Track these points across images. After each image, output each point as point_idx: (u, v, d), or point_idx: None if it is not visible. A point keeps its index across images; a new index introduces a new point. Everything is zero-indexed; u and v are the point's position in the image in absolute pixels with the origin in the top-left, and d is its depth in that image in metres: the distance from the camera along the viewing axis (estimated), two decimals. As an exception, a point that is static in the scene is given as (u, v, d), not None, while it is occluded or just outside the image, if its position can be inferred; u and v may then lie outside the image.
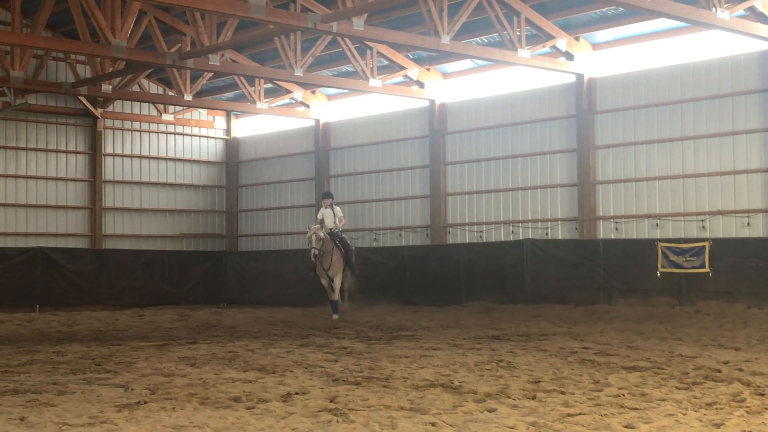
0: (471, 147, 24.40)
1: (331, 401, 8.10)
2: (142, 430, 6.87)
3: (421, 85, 24.71)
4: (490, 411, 7.53)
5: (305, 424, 7.02)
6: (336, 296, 20.43)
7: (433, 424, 6.94)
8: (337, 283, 20.45)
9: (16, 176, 26.61)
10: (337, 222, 20.72)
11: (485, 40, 22.28)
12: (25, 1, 22.25)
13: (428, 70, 24.61)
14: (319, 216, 20.89)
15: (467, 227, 24.39)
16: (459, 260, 22.90)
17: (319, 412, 7.54)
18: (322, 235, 19.96)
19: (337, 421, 7.12)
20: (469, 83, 24.89)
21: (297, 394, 8.57)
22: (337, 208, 20.97)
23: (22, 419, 7.41)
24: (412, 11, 20.44)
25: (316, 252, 19.95)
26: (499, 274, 21.97)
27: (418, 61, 24.43)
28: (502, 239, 23.26)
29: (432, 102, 24.91)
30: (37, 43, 20.15)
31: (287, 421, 7.13)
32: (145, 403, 8.16)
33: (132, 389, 9.08)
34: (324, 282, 20.74)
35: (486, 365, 10.71)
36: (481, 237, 23.96)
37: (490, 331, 15.73)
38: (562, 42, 21.03)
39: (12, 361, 12.01)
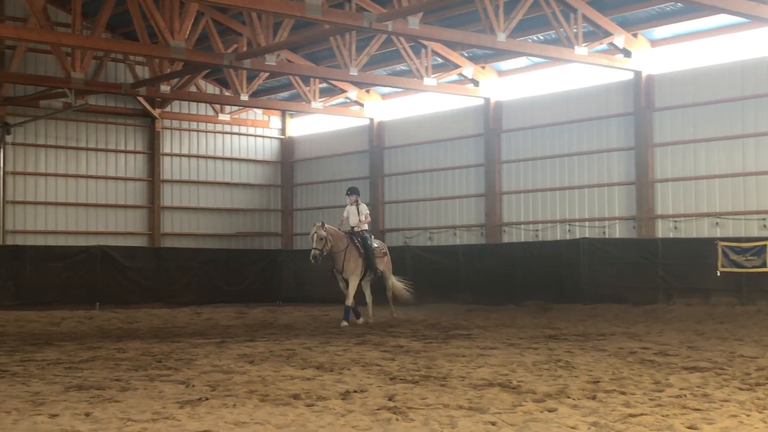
0: (527, 145, 24.24)
1: (390, 399, 8.08)
2: (205, 426, 6.91)
3: (475, 83, 24.60)
4: (550, 411, 7.46)
5: (365, 421, 7.01)
6: (349, 301, 18.28)
7: (493, 424, 6.89)
8: (352, 287, 18.37)
9: (77, 176, 27.05)
10: (362, 219, 18.92)
11: (541, 38, 22.08)
12: (86, 4, 22.62)
13: (483, 68, 24.49)
14: (344, 213, 19.38)
15: (522, 226, 24.24)
16: (514, 259, 22.71)
17: (378, 410, 7.53)
18: (323, 233, 18.00)
19: (397, 420, 7.09)
20: (525, 81, 24.71)
21: (355, 392, 8.56)
22: (363, 206, 19.21)
23: (87, 415, 7.49)
24: (468, 9, 20.33)
25: (317, 253, 17.91)
26: (555, 274, 21.75)
27: (473, 59, 24.33)
28: (558, 238, 23.07)
29: (487, 100, 24.79)
30: (97, 45, 20.45)
31: (347, 419, 7.13)
32: (206, 399, 8.20)
33: (193, 386, 9.15)
34: (342, 285, 18.74)
35: (544, 365, 10.61)
36: (536, 236, 23.79)
37: (546, 331, 15.58)
38: (620, 39, 20.81)
39: (75, 358, 12.16)
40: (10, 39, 22.58)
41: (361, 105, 27.99)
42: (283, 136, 31.01)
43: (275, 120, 30.82)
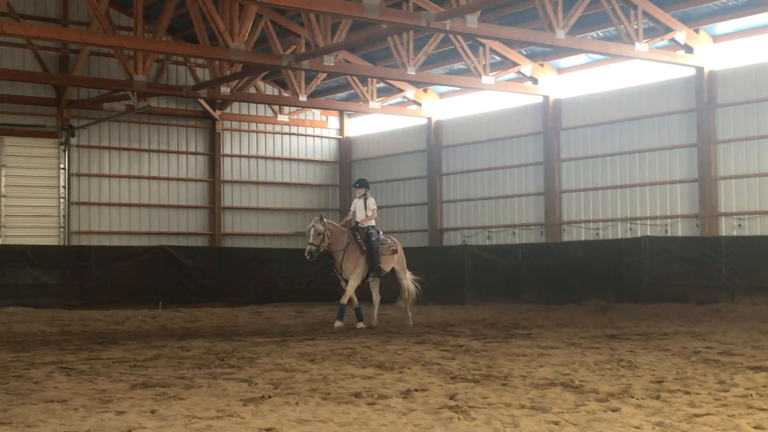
0: (586, 143, 24.04)
1: (451, 398, 8.07)
2: (268, 423, 6.96)
3: (534, 81, 24.45)
4: (614, 410, 7.38)
5: (427, 420, 7.01)
6: (344, 300, 17.00)
7: (556, 423, 6.85)
8: (350, 287, 17.02)
9: (139, 177, 27.45)
10: (368, 214, 17.27)
11: (601, 34, 21.86)
12: (147, 7, 22.93)
13: (542, 65, 24.33)
14: (352, 208, 17.81)
15: (583, 224, 24.04)
16: (574, 258, 22.48)
17: (439, 409, 7.52)
18: (321, 228, 16.55)
19: (459, 419, 7.07)
20: (585, 78, 24.50)
21: (416, 390, 8.56)
22: (371, 200, 17.47)
23: (152, 412, 7.58)
24: (526, 7, 20.24)
25: (312, 248, 16.57)
26: (616, 272, 21.49)
27: (532, 56, 24.18)
28: (620, 236, 22.86)
29: (546, 98, 24.62)
30: (159, 48, 20.72)
31: (409, 418, 7.13)
32: (269, 397, 8.27)
33: (256, 384, 9.23)
34: (343, 284, 17.39)
35: (606, 364, 10.51)
36: (597, 234, 23.58)
37: (608, 330, 15.42)
38: (681, 34, 20.55)
39: (139, 356, 12.33)
40: (74, 43, 22.98)
41: (419, 104, 27.98)
42: (341, 136, 31.14)
43: (333, 120, 30.95)
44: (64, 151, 26.26)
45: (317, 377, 9.67)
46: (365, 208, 17.20)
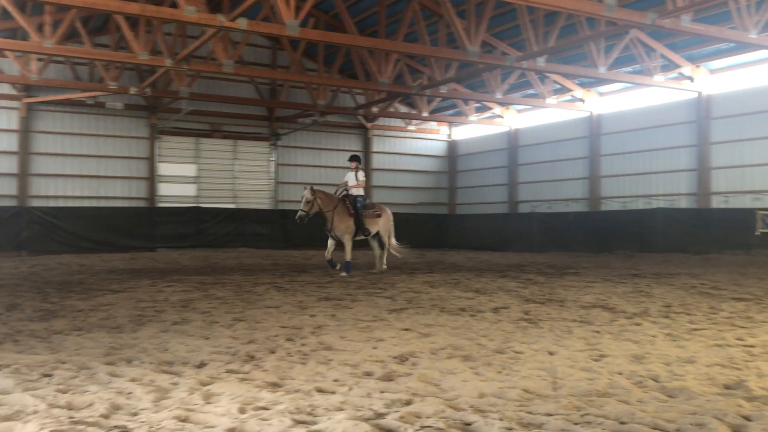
0: (618, 143, 23.25)
1: (525, 314, 8.06)
2: (406, 325, 7.10)
3: (582, 101, 23.76)
4: (637, 325, 7.24)
5: (510, 327, 7.04)
6: (348, 257, 14.28)
7: (597, 332, 6.76)
8: (348, 245, 14.32)
9: (318, 166, 28.00)
10: (357, 183, 14.58)
11: (630, 69, 21.03)
12: (326, 56, 23.35)
13: (588, 91, 23.59)
14: (345, 178, 15.02)
15: (615, 199, 23.31)
16: (609, 222, 21.97)
17: (518, 320, 7.53)
18: (310, 197, 13.76)
19: (531, 327, 7.09)
20: (618, 99, 23.63)
21: (502, 308, 8.58)
22: (361, 172, 14.65)
23: (332, 316, 7.85)
24: (579, 51, 19.64)
25: (302, 214, 13.75)
26: (639, 232, 20.85)
27: (581, 84, 23.48)
28: (641, 208, 22.11)
29: (591, 113, 23.89)
30: (333, 82, 21.05)
31: (498, 325, 7.17)
32: (405, 309, 8.43)
33: (396, 300, 9.41)
34: (330, 242, 14.49)
35: (631, 294, 10.27)
36: (625, 206, 22.84)
37: (632, 271, 15.01)
38: (687, 69, 19.57)
39: (321, 280, 12.68)
40: (280, 80, 23.61)
41: (502, 117, 27.58)
42: (449, 139, 30.94)
43: (444, 129, 30.77)
44: (273, 149, 27.02)
45: (435, 297, 9.79)
46: (356, 178, 14.55)
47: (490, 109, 27.21)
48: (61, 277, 13.41)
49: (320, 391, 4.35)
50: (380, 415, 3.76)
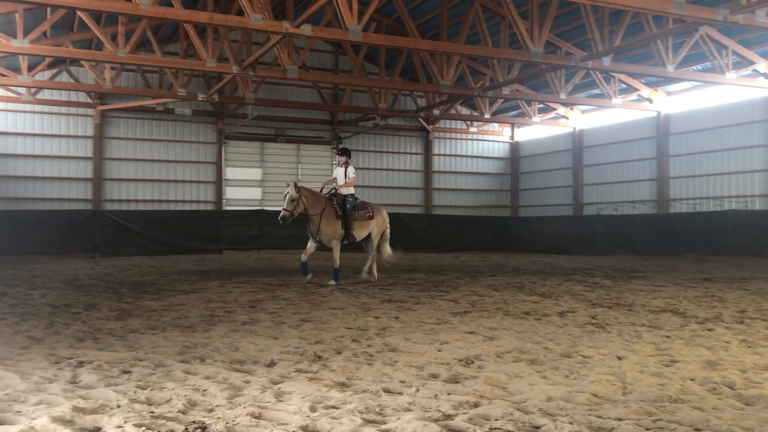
0: (688, 144, 22.48)
1: (592, 318, 7.94)
2: (471, 328, 7.12)
3: (650, 101, 23.13)
4: (709, 330, 7.04)
5: (577, 332, 6.96)
6: (337, 263, 12.53)
7: (668, 337, 6.62)
8: (336, 251, 12.56)
9: (379, 169, 28.16)
10: (347, 181, 12.81)
11: (699, 67, 20.37)
12: (387, 59, 23.47)
13: (656, 90, 22.95)
14: (333, 174, 13.35)
15: (684, 201, 22.60)
16: (678, 224, 21.31)
17: (585, 324, 7.43)
18: (295, 195, 11.89)
19: (599, 331, 6.99)
20: (687, 98, 22.90)
21: (568, 312, 8.48)
22: (351, 168, 12.88)
23: (396, 318, 7.94)
24: (646, 50, 19.13)
25: (286, 214, 11.82)
26: (709, 234, 20.16)
27: (648, 84, 22.86)
28: (711, 209, 21.37)
29: (658, 113, 23.23)
30: (394, 86, 21.14)
31: (564, 330, 7.10)
32: (469, 312, 8.44)
33: (459, 303, 9.42)
34: (309, 245, 12.52)
35: (702, 298, 9.97)
36: (695, 208, 22.10)
37: (702, 275, 14.54)
38: (762, 65, 18.77)
39: (384, 282, 12.81)
40: (342, 84, 23.88)
41: (567, 118, 27.12)
42: (511, 141, 30.61)
43: (506, 130, 30.46)
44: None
45: (499, 300, 9.74)
46: (345, 175, 12.86)
47: (553, 109, 26.81)
48: (134, 278, 13.96)
49: (387, 391, 4.42)
50: (448, 417, 3.81)
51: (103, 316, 8.07)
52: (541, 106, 26.75)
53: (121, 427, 3.49)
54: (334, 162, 26.46)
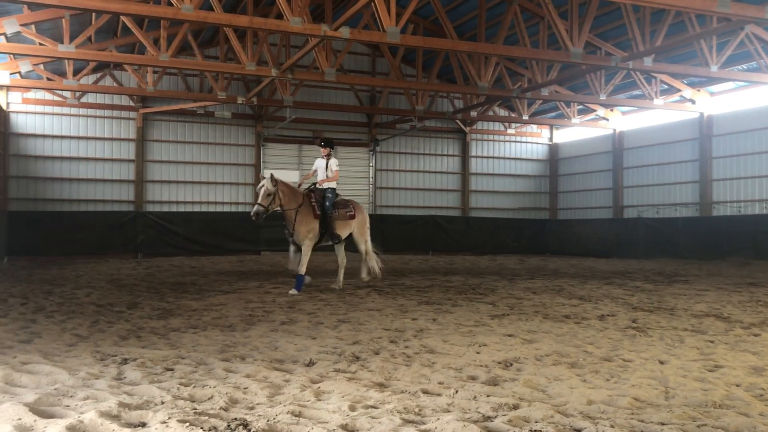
0: (733, 145, 21.98)
1: (633, 322, 7.84)
2: (509, 331, 7.09)
3: (692, 102, 22.67)
4: (755, 335, 6.88)
5: (617, 335, 6.88)
6: (302, 270, 10.96)
7: (711, 342, 6.49)
8: (305, 254, 11.08)
9: (417, 171, 28.10)
10: (329, 175, 11.61)
11: (744, 67, 19.87)
12: (425, 61, 23.45)
13: (698, 90, 22.48)
14: (314, 167, 11.91)
15: (728, 204, 22.07)
16: (721, 227, 20.85)
17: (626, 328, 7.34)
18: (271, 189, 10.64)
19: (640, 335, 6.89)
20: (730, 99, 22.39)
21: (608, 315, 8.38)
22: (333, 160, 11.64)
23: (434, 320, 7.95)
24: (689, 50, 18.77)
25: (260, 209, 10.56)
26: (755, 238, 19.65)
27: (690, 84, 22.41)
28: (757, 213, 20.81)
29: (701, 114, 22.76)
30: (431, 87, 21.13)
31: (604, 333, 7.02)
32: (507, 315, 8.39)
33: (497, 306, 9.38)
34: (292, 248, 11.41)
35: (747, 303, 9.74)
36: (739, 210, 21.57)
37: (747, 279, 14.20)
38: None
39: (421, 285, 12.80)
40: (379, 86, 23.95)
41: (606, 119, 26.74)
42: (550, 143, 30.30)
43: (545, 131, 30.17)
44: (372, 155, 27.43)
45: (538, 303, 9.67)
46: (326, 168, 11.69)
47: (593, 111, 26.46)
48: (174, 278, 14.22)
49: (426, 392, 4.43)
50: (488, 418, 3.80)
51: (145, 315, 8.25)
52: (580, 107, 26.43)
53: (165, 422, 3.58)
54: (371, 164, 26.52)
